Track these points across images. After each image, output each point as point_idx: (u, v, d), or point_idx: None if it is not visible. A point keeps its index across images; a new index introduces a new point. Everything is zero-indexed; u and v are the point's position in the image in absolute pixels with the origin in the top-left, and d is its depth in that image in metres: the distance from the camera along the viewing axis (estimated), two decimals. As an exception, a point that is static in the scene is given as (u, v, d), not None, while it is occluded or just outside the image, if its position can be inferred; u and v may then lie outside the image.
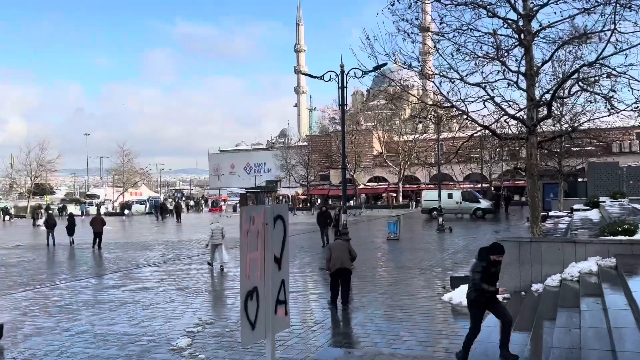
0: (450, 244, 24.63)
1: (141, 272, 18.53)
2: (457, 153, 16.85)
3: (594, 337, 6.77)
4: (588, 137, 29.80)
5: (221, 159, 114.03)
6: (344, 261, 12.16)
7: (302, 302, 13.05)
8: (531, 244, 11.44)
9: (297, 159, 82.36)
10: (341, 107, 19.91)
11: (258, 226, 3.59)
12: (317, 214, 26.29)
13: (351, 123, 76.45)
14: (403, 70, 15.68)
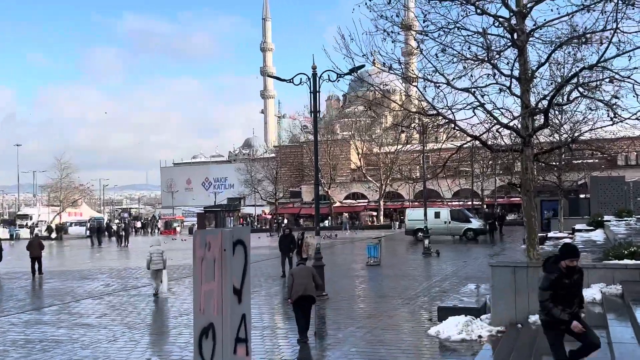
0: (437, 269, 24.76)
1: (81, 306, 18.17)
2: (444, 166, 17.03)
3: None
4: (590, 148, 30.37)
5: (176, 173, 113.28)
6: (308, 288, 12.09)
7: (269, 339, 12.94)
8: (528, 269, 11.52)
9: (264, 172, 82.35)
10: (313, 114, 19.95)
11: (214, 253, 3.55)
12: (280, 237, 25.70)
13: (325, 132, 76.89)
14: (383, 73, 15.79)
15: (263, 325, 14.29)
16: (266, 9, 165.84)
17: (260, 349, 11.59)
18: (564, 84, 13.16)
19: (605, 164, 50.86)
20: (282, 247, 24.01)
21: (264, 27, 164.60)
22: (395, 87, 18.64)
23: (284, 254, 23.77)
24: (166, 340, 13.48)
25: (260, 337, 12.81)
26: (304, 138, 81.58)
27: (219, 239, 3.52)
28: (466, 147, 19.54)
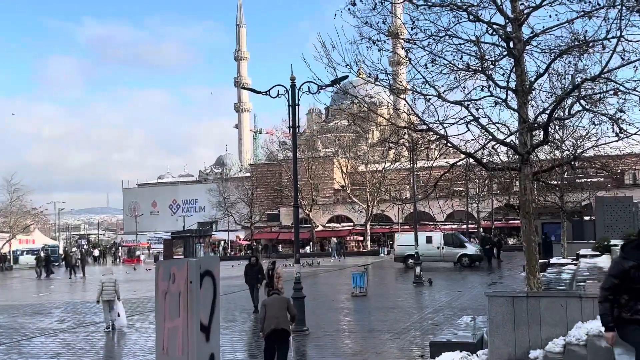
0: (430, 300, 24.77)
1: (32, 344, 17.91)
2: (435, 186, 17.05)
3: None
4: (593, 166, 30.71)
5: (140, 194, 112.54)
6: (281, 321, 12.16)
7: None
8: (528, 299, 11.54)
9: (238, 194, 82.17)
10: (292, 129, 19.97)
11: (180, 286, 3.52)
12: (245, 267, 24.60)
13: (306, 149, 76.91)
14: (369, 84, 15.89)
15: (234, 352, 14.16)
16: (240, 14, 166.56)
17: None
18: (564, 96, 13.30)
19: (612, 183, 51.39)
20: (249, 279, 23.44)
21: (238, 33, 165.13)
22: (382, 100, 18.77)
23: (251, 286, 23.12)
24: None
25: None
26: (282, 155, 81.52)
27: (184, 271, 3.49)
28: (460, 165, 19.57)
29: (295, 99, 18.81)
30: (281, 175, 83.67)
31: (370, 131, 71.33)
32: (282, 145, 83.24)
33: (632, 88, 12.60)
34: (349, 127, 69.65)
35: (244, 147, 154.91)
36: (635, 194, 49.76)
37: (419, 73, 13.84)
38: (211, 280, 3.71)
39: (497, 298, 11.82)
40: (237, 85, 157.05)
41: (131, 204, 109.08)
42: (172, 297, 3.58)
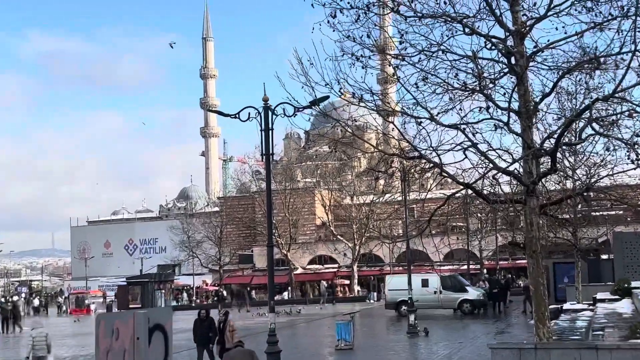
0: (426, 353, 24.70)
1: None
2: (430, 221, 17.04)
3: None
4: (609, 198, 30.94)
5: (91, 234, 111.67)
6: None
7: None
8: (536, 351, 11.60)
9: (205, 232, 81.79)
10: (266, 156, 19.97)
11: (124, 343, 3.46)
12: (194, 322, 22.91)
13: (283, 179, 76.97)
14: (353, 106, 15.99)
15: None
16: (207, 26, 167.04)
17: None
18: (574, 119, 13.47)
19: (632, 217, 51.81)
20: (198, 338, 22.14)
21: (205, 48, 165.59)
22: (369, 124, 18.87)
23: (200, 345, 21.75)
24: None
25: None
26: (255, 187, 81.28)
27: (130, 325, 3.44)
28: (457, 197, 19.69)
29: (269, 122, 18.86)
30: (254, 210, 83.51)
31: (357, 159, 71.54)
32: (256, 175, 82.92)
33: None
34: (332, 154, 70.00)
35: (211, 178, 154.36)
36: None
37: (408, 93, 13.95)
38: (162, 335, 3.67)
39: (502, 350, 11.85)
40: (203, 107, 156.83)
41: (80, 244, 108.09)
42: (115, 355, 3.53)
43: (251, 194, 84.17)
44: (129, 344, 3.54)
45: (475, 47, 13.59)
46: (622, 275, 35.04)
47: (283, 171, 79.88)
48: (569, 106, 15.58)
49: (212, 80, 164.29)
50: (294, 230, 75.45)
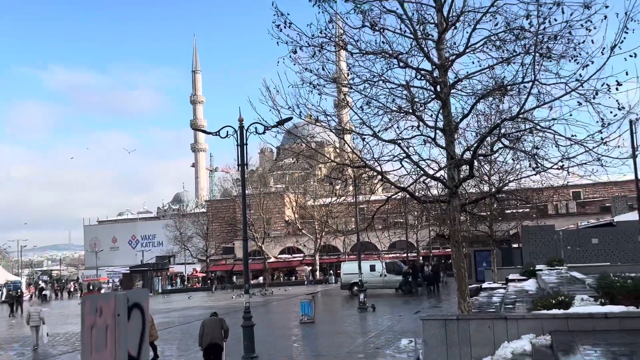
0: (373, 325, 24.72)
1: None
2: (373, 218, 17.12)
3: None
4: (516, 198, 31.43)
5: (100, 231, 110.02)
6: (215, 336, 14.37)
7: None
8: (459, 322, 11.56)
9: (194, 229, 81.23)
10: (241, 166, 19.92)
11: (107, 319, 3.38)
12: None
13: (258, 185, 76.62)
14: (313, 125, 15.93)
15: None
16: (196, 61, 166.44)
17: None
18: (486, 135, 13.60)
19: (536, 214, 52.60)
20: None
21: (194, 79, 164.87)
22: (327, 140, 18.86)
23: None
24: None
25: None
26: (236, 192, 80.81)
27: (111, 304, 3.36)
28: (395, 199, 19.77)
29: (244, 138, 18.79)
30: (235, 211, 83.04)
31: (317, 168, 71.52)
32: (236, 182, 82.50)
33: (546, 127, 12.94)
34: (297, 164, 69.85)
35: (200, 185, 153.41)
36: (557, 222, 51.09)
37: (356, 114, 14.00)
38: (140, 312, 3.58)
39: (431, 321, 11.84)
40: (192, 127, 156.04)
41: (92, 240, 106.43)
42: (99, 330, 3.44)
43: (232, 197, 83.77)
44: (110, 320, 3.44)
45: (408, 77, 13.70)
46: (528, 260, 35.53)
47: (258, 179, 79.55)
48: (484, 125, 15.75)
49: (200, 105, 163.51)
50: (267, 227, 75.28)
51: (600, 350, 9.26)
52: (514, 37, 12.91)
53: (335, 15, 13.64)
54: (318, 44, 13.28)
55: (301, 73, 13.71)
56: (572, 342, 10.05)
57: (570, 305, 12.26)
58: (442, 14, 13.38)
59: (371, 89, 13.71)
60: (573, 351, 9.36)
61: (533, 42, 12.46)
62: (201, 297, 54.30)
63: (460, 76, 13.70)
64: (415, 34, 13.26)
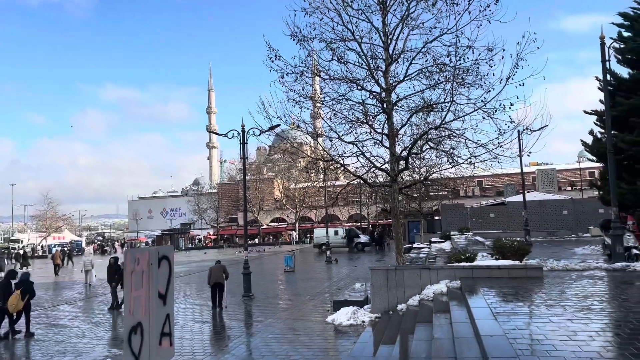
0: (336, 273, 24.75)
1: (57, 310, 16.79)
2: (337, 198, 17.24)
3: (444, 346, 6.92)
4: (437, 184, 31.77)
5: (140, 205, 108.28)
6: (219, 277, 15.44)
7: (207, 331, 12.39)
8: (396, 271, 11.70)
9: (209, 204, 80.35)
10: (242, 159, 19.73)
11: (143, 266, 3.34)
12: (107, 267, 17.96)
13: (255, 173, 76.21)
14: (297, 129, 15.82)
15: (202, 320, 13.69)
16: (210, 82, 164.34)
17: (197, 338, 11.10)
18: (417, 139, 13.70)
19: (452, 196, 53.22)
20: (108, 278, 17.42)
21: (209, 96, 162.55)
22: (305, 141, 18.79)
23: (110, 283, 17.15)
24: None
25: (199, 330, 12.25)
26: (239, 178, 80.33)
27: (147, 256, 3.32)
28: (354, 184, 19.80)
29: (245, 139, 18.60)
30: (238, 191, 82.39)
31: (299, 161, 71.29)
32: (239, 171, 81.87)
33: (460, 134, 13.09)
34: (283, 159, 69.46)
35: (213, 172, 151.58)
36: (466, 202, 51.74)
37: (326, 123, 13.98)
38: (167, 262, 3.54)
39: (377, 270, 11.93)
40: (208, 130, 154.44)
41: (134, 211, 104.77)
42: (137, 275, 3.39)
43: (237, 182, 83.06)
44: (146, 267, 3.39)
45: (363, 97, 13.74)
46: (445, 228, 35.98)
47: (256, 169, 79.06)
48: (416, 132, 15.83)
49: (213, 114, 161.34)
50: (261, 203, 75.00)
51: (494, 291, 9.42)
52: (439, 70, 12.99)
53: (312, 50, 13.57)
54: (299, 71, 13.24)
55: (287, 92, 13.69)
56: (475, 285, 10.20)
57: (474, 260, 12.45)
58: (388, 52, 13.39)
59: (337, 104, 13.74)
60: (475, 292, 9.50)
61: (452, 74, 12.55)
62: (213, 252, 53.90)
63: (400, 97, 13.77)
64: (369, 66, 13.26)
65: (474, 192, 69.64)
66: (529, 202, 31.58)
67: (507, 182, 61.68)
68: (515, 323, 6.52)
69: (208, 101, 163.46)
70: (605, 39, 14.45)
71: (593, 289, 9.17)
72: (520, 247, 12.50)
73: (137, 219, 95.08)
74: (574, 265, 12.63)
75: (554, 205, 37.19)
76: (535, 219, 35.37)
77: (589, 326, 6.15)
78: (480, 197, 65.34)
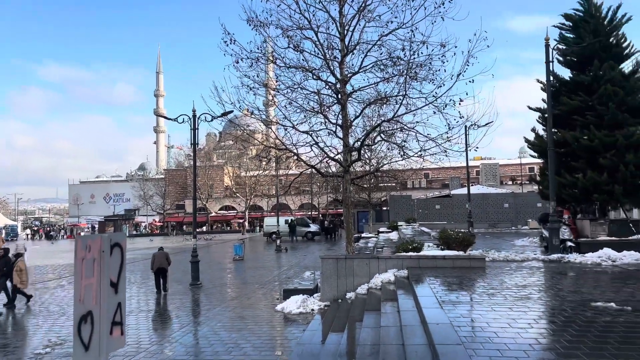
0: (285, 262, 24.83)
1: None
2: (290, 187, 17.17)
3: (391, 334, 7.12)
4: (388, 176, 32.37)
5: (81, 189, 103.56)
6: (162, 263, 16.01)
7: (153, 320, 12.12)
8: (346, 260, 11.87)
9: (155, 190, 78.08)
10: (193, 145, 19.33)
11: (94, 254, 3.22)
12: None
13: (205, 160, 74.70)
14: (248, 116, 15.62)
15: (154, 309, 13.39)
16: (159, 64, 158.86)
17: (148, 326, 10.84)
18: (370, 131, 13.88)
19: (400, 187, 54.39)
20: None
21: (157, 78, 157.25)
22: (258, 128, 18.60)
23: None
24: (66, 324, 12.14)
25: (151, 318, 11.96)
26: (187, 164, 78.41)
27: (98, 243, 3.20)
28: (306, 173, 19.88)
29: (196, 124, 18.20)
30: (186, 178, 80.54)
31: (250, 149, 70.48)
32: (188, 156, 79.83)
33: (411, 127, 13.38)
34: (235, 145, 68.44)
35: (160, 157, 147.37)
36: (413, 194, 53.09)
37: (280, 111, 13.90)
38: (119, 250, 3.43)
39: (327, 259, 12.06)
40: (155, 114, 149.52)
41: (75, 195, 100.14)
42: (87, 262, 3.27)
43: (184, 168, 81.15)
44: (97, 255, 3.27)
45: (319, 87, 13.73)
46: (393, 218, 36.81)
47: (205, 155, 77.45)
48: (368, 124, 16.02)
49: (161, 98, 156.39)
50: (211, 190, 73.71)
51: (440, 279, 9.77)
52: (393, 63, 13.18)
53: (268, 37, 13.42)
54: (255, 57, 13.05)
55: (241, 78, 13.47)
56: (421, 274, 10.53)
57: (421, 250, 12.81)
58: (344, 43, 13.44)
59: (292, 93, 13.66)
60: (422, 280, 9.81)
61: (405, 68, 12.77)
62: (160, 240, 52.61)
63: (355, 88, 13.87)
64: (325, 56, 13.27)
65: (421, 184, 71.45)
66: (473, 195, 32.77)
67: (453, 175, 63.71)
68: (459, 311, 6.80)
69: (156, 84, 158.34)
70: (549, 41, 15.15)
71: (531, 279, 9.70)
72: (465, 238, 12.98)
73: (78, 204, 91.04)
74: (514, 256, 13.29)
75: (496, 198, 38.83)
76: (479, 211, 36.81)
77: (528, 314, 6.52)
78: (427, 189, 67.13)
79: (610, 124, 16.95)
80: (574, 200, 17.64)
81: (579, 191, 16.93)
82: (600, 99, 17.13)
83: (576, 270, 11.11)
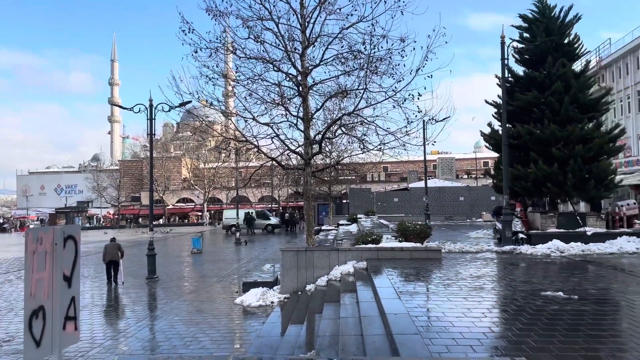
0: (245, 254, 24.69)
1: None
2: (250, 179, 17.06)
3: (350, 325, 7.22)
4: (348, 169, 32.67)
5: (31, 180, 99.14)
6: (114, 255, 16.08)
7: (107, 314, 11.80)
8: (306, 252, 11.93)
9: (109, 181, 75.73)
10: (149, 136, 18.87)
11: (46, 247, 3.10)
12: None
13: (162, 151, 73.06)
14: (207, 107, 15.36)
15: (110, 304, 13.02)
16: (114, 51, 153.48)
17: (101, 321, 10.54)
18: (331, 124, 13.93)
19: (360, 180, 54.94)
20: None
21: (112, 66, 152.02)
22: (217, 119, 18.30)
23: None
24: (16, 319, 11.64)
25: (106, 313, 11.63)
26: (143, 155, 76.43)
27: (51, 235, 3.08)
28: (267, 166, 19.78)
29: (152, 114, 17.75)
30: (142, 169, 78.47)
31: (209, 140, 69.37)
32: (144, 147, 77.73)
33: (371, 121, 13.53)
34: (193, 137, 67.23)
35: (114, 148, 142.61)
36: (373, 187, 53.79)
37: (240, 102, 13.74)
38: (73, 242, 3.31)
39: (287, 252, 12.07)
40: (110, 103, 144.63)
41: (24, 186, 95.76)
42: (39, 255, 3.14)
43: (140, 159, 79.05)
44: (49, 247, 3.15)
45: (280, 78, 13.65)
46: (353, 211, 37.18)
47: (162, 146, 75.71)
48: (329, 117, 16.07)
49: (116, 86, 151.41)
50: (168, 182, 72.17)
51: (398, 271, 9.97)
52: (354, 57, 13.26)
53: (228, 27, 13.21)
54: (214, 47, 12.84)
55: (200, 68, 13.24)
56: (379, 266, 10.71)
57: (380, 242, 13.03)
58: (305, 35, 13.40)
59: (252, 84, 13.52)
60: (380, 272, 9.98)
61: (366, 62, 12.87)
62: (114, 232, 51.12)
63: (316, 81, 13.87)
64: (286, 47, 13.20)
65: (380, 178, 72.46)
66: (430, 188, 33.51)
67: (411, 169, 64.91)
68: (417, 302, 6.97)
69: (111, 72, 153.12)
70: (505, 39, 15.64)
71: (485, 270, 10.05)
72: (422, 230, 13.28)
73: (27, 195, 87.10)
74: (468, 248, 13.72)
75: (452, 191, 39.87)
76: (435, 204, 37.71)
77: (482, 304, 6.76)
78: (386, 182, 68.14)
79: (563, 118, 17.70)
80: (526, 193, 18.34)
81: (531, 183, 17.61)
82: (553, 94, 17.86)
83: (527, 261, 11.59)
